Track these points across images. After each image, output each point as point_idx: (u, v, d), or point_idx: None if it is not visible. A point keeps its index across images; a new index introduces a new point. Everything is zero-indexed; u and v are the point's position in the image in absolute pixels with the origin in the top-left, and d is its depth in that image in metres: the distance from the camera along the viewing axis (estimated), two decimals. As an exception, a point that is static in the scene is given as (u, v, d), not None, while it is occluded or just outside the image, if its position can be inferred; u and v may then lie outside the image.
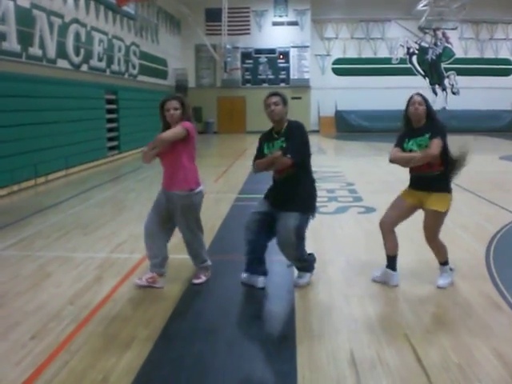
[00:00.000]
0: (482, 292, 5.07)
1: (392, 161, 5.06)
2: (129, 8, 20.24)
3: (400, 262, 5.29)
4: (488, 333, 4.18)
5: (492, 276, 5.52)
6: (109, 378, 3.51)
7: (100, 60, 17.46)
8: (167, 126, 5.11)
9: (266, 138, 5.18)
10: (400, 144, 5.06)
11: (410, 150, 4.98)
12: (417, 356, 3.79)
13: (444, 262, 5.22)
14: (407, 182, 5.24)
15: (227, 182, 12.80)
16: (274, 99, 4.98)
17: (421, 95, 5.03)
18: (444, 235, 5.20)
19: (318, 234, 7.18)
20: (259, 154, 5.16)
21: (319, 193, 5.33)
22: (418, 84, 30.94)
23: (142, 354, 3.84)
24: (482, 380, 3.47)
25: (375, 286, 5.29)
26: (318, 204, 5.25)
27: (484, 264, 5.94)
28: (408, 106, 5.01)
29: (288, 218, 4.93)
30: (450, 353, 3.83)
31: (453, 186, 5.07)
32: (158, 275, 5.27)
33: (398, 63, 32.14)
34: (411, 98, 5.01)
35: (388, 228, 5.21)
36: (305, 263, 5.31)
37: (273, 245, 5.18)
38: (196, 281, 5.38)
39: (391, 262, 5.24)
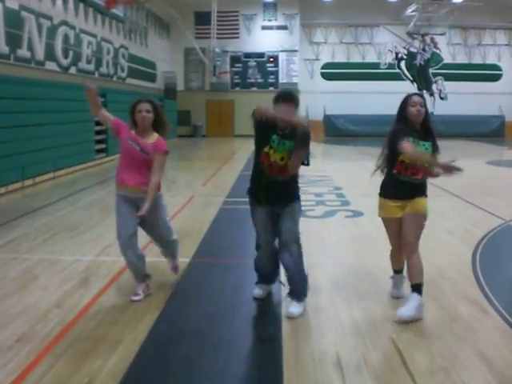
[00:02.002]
0: (469, 296, 5.10)
1: (405, 153, 4.46)
2: (118, 11, 20.22)
3: (386, 266, 5.29)
4: (474, 337, 4.21)
5: (478, 280, 5.56)
6: (94, 381, 3.49)
7: (88, 62, 17.44)
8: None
9: (272, 127, 4.59)
10: (406, 138, 4.51)
11: None
12: (403, 360, 3.81)
13: (419, 286, 4.57)
14: None
15: (215, 185, 12.79)
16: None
17: (421, 96, 4.67)
18: (431, 239, 5.23)
19: (306, 238, 7.14)
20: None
21: (307, 197, 5.34)
22: (406, 89, 30.80)
23: (128, 357, 3.82)
24: None
25: (362, 289, 5.30)
26: (305, 208, 5.25)
27: (470, 268, 5.97)
28: (407, 106, 4.61)
29: (291, 218, 4.74)
30: (435, 356, 3.85)
31: (440, 190, 5.08)
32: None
33: (386, 68, 32.33)
34: (410, 98, 4.63)
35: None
36: (301, 276, 4.86)
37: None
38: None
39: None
